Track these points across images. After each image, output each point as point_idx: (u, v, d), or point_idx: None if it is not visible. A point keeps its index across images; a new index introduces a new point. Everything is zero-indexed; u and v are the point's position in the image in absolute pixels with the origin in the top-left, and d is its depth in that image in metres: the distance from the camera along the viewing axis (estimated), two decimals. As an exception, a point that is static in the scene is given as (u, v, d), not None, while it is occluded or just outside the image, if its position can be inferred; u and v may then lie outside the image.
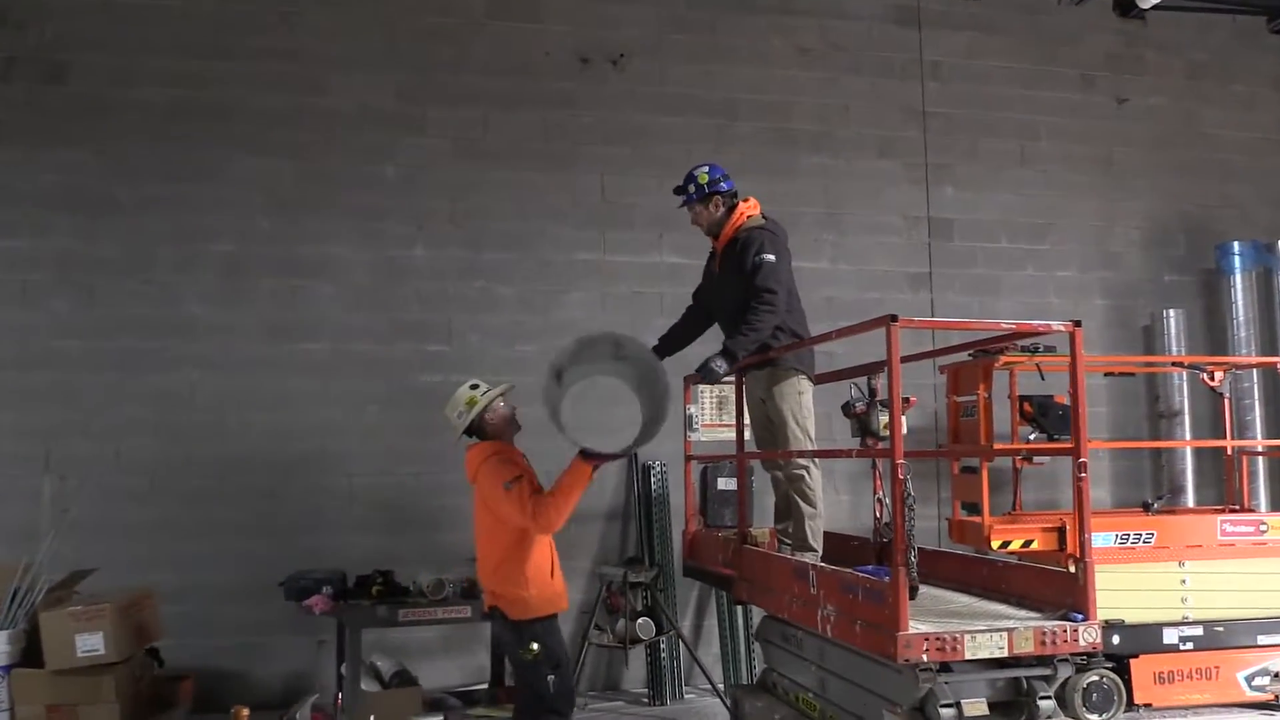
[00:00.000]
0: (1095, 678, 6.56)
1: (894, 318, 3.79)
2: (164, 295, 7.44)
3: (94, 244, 7.36)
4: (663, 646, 7.34)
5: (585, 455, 4.69)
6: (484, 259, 7.88)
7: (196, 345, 7.43)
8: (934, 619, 4.00)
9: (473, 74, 7.98)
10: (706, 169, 5.44)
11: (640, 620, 6.67)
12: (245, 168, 7.61)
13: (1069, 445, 6.86)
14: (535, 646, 4.64)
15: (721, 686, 7.20)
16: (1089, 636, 3.86)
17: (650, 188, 8.11)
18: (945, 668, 3.83)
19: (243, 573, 7.13)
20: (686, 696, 7.43)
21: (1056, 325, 4.14)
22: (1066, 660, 3.89)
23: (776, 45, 8.61)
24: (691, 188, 5.43)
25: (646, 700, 7.36)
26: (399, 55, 7.90)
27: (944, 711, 3.70)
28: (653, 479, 7.75)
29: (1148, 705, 6.73)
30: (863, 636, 3.90)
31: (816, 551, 5.19)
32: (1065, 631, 3.83)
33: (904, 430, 4.91)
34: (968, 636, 3.70)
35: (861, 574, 4.05)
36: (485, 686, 6.66)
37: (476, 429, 4.99)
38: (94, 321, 7.31)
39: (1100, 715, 6.54)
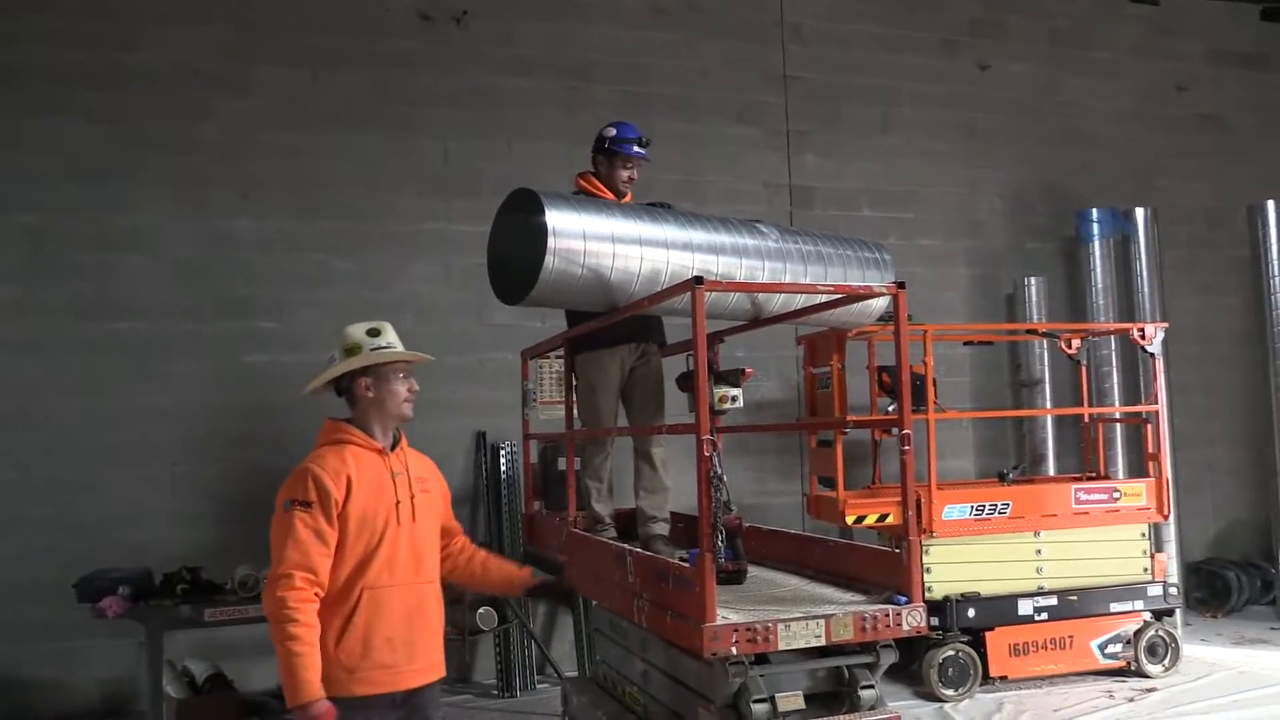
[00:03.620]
0: (951, 652, 6.48)
1: (699, 280, 3.47)
2: (-44, 272, 6.77)
3: None
4: (513, 636, 7.00)
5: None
6: (318, 229, 7.37)
7: (-5, 326, 6.78)
8: (753, 606, 3.71)
9: (302, 30, 7.43)
10: None
11: (481, 610, 6.29)
12: (47, 131, 6.94)
13: (921, 415, 6.76)
14: None
15: (572, 676, 6.88)
16: (913, 620, 3.59)
17: (498, 153, 7.71)
18: (763, 659, 3.54)
19: (51, 572, 6.50)
20: (539, 687, 7.10)
21: (878, 287, 3.87)
22: (890, 646, 3.63)
23: (631, 4, 8.26)
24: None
25: (496, 692, 7.01)
26: (220, 9, 7.31)
27: (756, 707, 3.41)
28: (502, 459, 7.38)
29: (1003, 677, 6.65)
30: (672, 628, 3.58)
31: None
32: (888, 616, 3.56)
33: (739, 404, 4.65)
34: (781, 626, 3.41)
35: (672, 560, 3.74)
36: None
37: (345, 391, 3.39)
38: (-126, 301, 6.61)
39: (956, 690, 6.46)
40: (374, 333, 3.46)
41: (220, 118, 7.23)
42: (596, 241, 4.16)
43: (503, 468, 7.36)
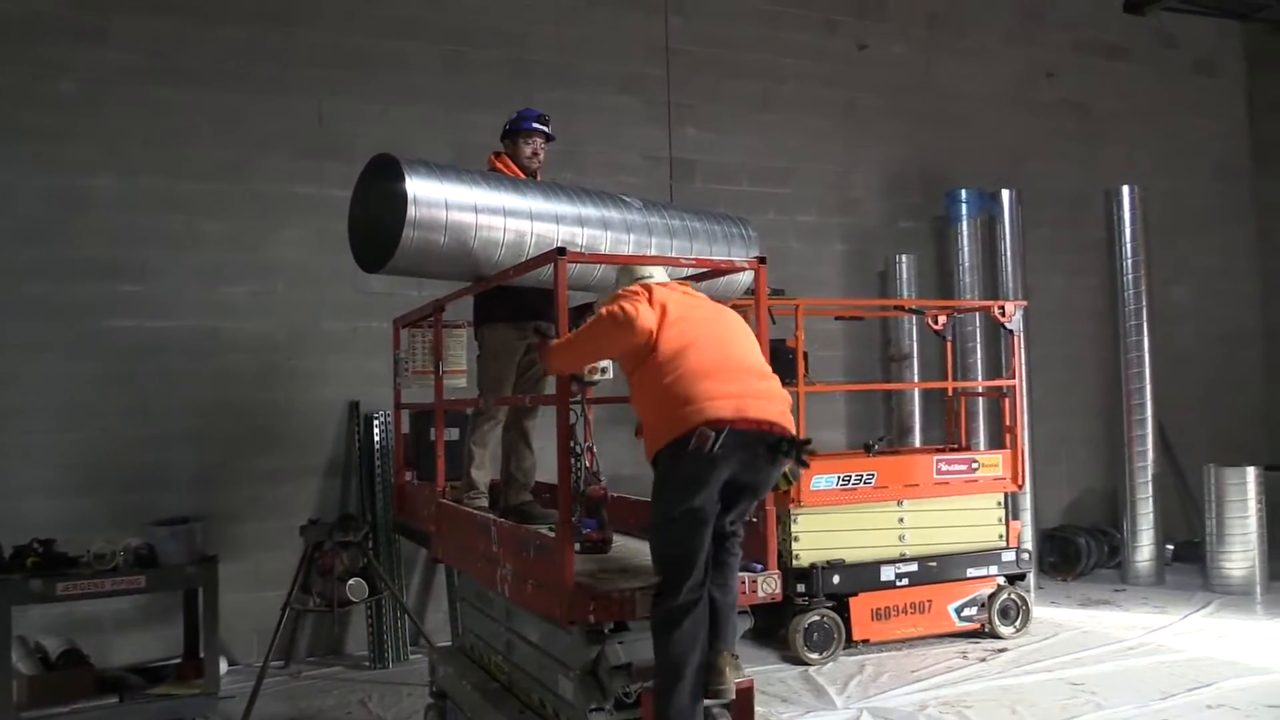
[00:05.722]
0: (816, 617, 6.67)
1: (562, 251, 3.49)
2: None
3: None
4: (385, 607, 6.94)
5: None
6: (184, 190, 7.10)
7: None
8: (615, 575, 3.77)
9: (166, -20, 7.13)
10: None
11: (351, 581, 6.22)
12: (-116, 79, 6.53)
13: (791, 388, 6.91)
14: None
15: (439, 647, 6.87)
16: (768, 587, 3.71)
17: (374, 116, 7.55)
18: (622, 626, 3.61)
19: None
20: (412, 657, 7.06)
21: (740, 261, 3.95)
22: (746, 612, 3.74)
23: (514, -32, 8.15)
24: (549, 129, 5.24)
25: (368, 664, 6.95)
26: (76, -46, 6.95)
27: (614, 674, 3.47)
28: (376, 429, 7.27)
29: (866, 641, 6.89)
30: (533, 597, 3.63)
31: None
32: (744, 583, 3.66)
33: (609, 375, 4.68)
34: (640, 594, 3.48)
35: (545, 530, 3.77)
36: (178, 661, 6.06)
37: None
38: None
39: (821, 653, 6.66)
40: None
41: (78, 70, 6.88)
42: (459, 211, 4.14)
43: (376, 438, 7.26)
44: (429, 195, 4.10)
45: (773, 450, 3.36)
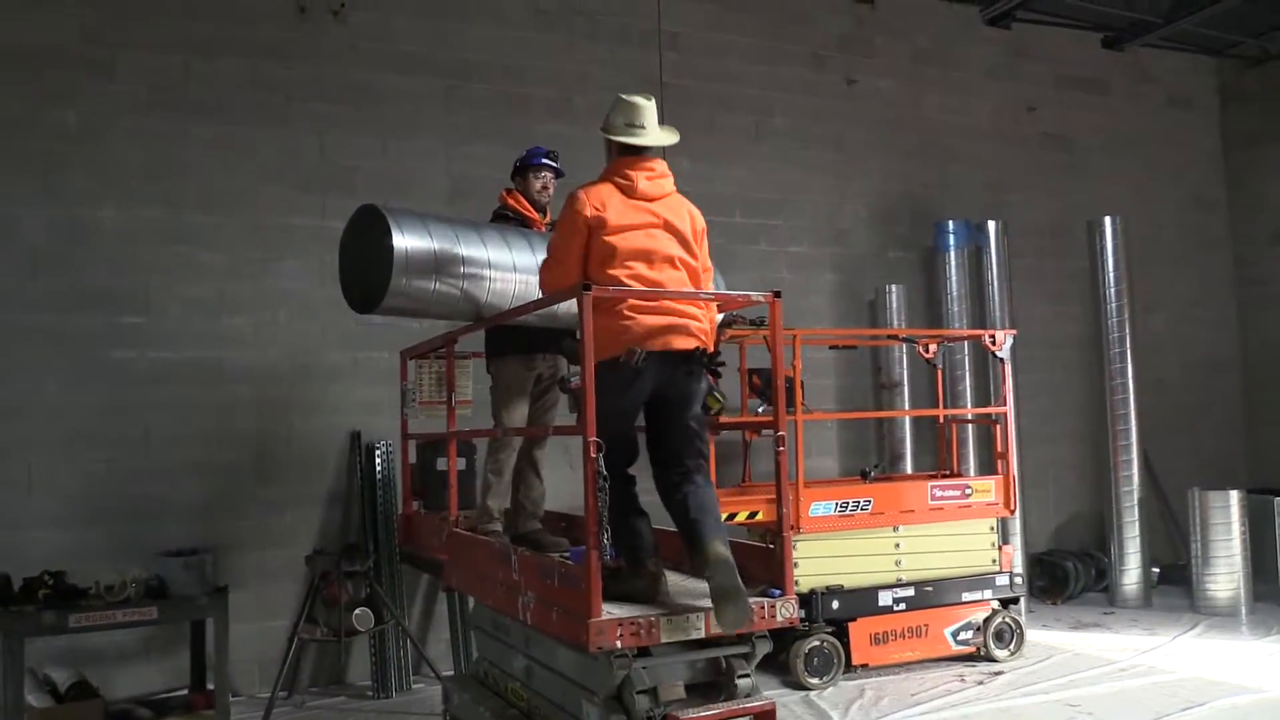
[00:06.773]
0: (816, 643, 6.76)
1: (586, 287, 3.59)
2: None
3: None
4: (388, 636, 6.96)
5: None
6: (185, 221, 7.15)
7: None
8: (634, 601, 3.85)
9: (171, 16, 7.19)
10: None
11: (358, 611, 6.26)
12: (-111, 109, 6.56)
13: (789, 416, 7.05)
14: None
15: (451, 675, 6.89)
16: (786, 612, 3.80)
17: (374, 150, 7.65)
18: (645, 652, 3.68)
19: (-110, 579, 6.17)
20: (415, 687, 7.08)
21: (756, 296, 4.06)
22: (765, 637, 3.83)
23: (512, 4, 8.28)
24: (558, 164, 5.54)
25: (371, 694, 6.95)
26: (82, -11, 7.03)
27: (639, 698, 3.55)
28: (377, 459, 7.31)
29: (865, 665, 6.98)
30: (558, 623, 3.70)
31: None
32: (763, 608, 3.75)
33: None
34: (664, 619, 3.57)
35: (557, 558, 3.84)
36: (185, 692, 6.06)
37: None
38: None
39: (821, 678, 6.75)
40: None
41: (82, 102, 6.94)
42: (446, 261, 4.47)
43: (378, 467, 7.30)
44: (415, 247, 4.42)
45: (688, 362, 3.91)
